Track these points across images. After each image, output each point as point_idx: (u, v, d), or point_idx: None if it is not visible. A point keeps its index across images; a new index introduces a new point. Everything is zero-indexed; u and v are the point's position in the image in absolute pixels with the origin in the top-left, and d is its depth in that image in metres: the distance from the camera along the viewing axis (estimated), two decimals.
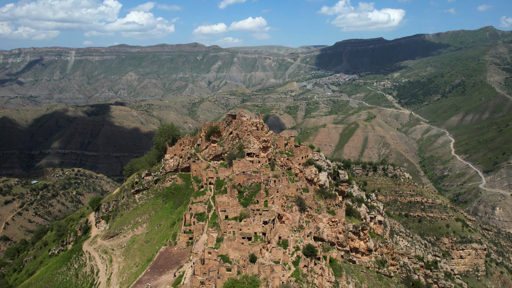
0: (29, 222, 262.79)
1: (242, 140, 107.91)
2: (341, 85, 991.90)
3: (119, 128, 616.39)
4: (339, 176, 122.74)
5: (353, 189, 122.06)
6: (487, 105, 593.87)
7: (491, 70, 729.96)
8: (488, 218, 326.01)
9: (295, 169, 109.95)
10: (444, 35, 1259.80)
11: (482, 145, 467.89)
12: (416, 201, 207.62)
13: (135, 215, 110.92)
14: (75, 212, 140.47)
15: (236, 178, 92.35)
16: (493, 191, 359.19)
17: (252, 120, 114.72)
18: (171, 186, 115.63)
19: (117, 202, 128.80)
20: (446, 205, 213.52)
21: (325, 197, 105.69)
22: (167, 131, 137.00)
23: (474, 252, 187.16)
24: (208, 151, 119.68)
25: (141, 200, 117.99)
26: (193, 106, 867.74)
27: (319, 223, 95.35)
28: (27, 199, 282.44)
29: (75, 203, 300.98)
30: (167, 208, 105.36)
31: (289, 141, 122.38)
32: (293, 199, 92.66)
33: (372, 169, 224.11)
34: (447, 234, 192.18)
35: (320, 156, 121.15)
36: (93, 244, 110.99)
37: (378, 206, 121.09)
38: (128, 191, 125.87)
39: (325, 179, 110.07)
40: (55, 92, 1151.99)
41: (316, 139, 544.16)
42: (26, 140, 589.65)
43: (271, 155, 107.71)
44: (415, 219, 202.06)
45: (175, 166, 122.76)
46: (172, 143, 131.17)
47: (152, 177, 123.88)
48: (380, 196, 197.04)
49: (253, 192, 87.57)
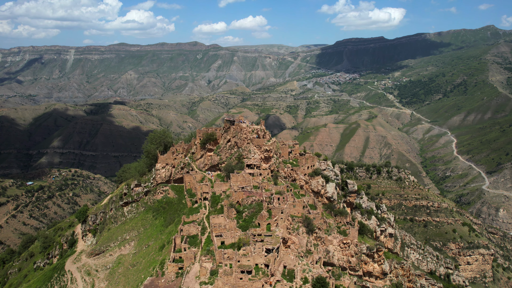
0: (24, 225, 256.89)
1: (241, 149, 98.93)
2: (341, 84, 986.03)
3: (118, 128, 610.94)
4: (347, 186, 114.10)
5: (362, 199, 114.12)
6: (489, 104, 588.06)
7: (493, 69, 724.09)
8: (491, 220, 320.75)
9: (300, 180, 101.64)
10: (445, 34, 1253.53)
11: (485, 145, 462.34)
12: (422, 205, 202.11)
13: (123, 231, 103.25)
14: (64, 221, 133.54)
15: (234, 195, 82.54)
16: (497, 193, 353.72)
17: (253, 127, 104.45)
18: (162, 200, 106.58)
19: (105, 214, 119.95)
20: (452, 209, 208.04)
21: (334, 214, 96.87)
22: (158, 138, 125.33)
23: (482, 258, 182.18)
24: (203, 160, 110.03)
25: (130, 213, 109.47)
26: (192, 105, 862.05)
27: (328, 246, 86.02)
28: (22, 201, 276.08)
29: (72, 204, 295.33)
30: (157, 225, 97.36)
31: (294, 149, 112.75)
32: (300, 219, 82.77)
33: (376, 172, 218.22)
34: (454, 239, 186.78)
35: (327, 165, 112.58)
36: (77, 262, 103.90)
37: (388, 218, 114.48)
38: (117, 203, 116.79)
39: (333, 190, 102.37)
40: (54, 91, 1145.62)
41: (316, 139, 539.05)
42: (24, 139, 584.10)
43: (273, 166, 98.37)
44: (421, 224, 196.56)
45: (167, 177, 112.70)
46: (164, 151, 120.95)
47: (142, 188, 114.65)
48: (384, 200, 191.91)
49: (253, 213, 77.73)
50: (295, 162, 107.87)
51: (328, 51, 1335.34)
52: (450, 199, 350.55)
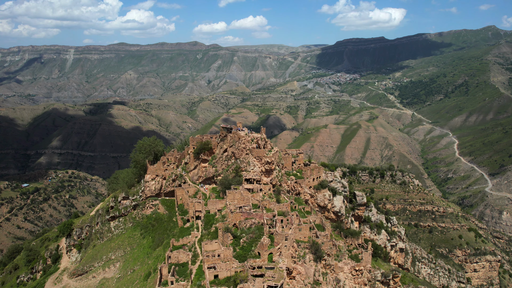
0: (18, 228, 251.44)
1: (239, 161, 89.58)
2: (342, 85, 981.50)
3: (116, 128, 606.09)
4: (356, 198, 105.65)
5: (371, 212, 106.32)
6: (491, 105, 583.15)
7: (494, 70, 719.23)
8: (495, 223, 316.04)
9: (305, 194, 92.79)
10: (446, 35, 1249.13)
11: (487, 147, 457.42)
12: (427, 210, 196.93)
13: (108, 249, 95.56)
14: (52, 230, 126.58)
15: (230, 216, 71.99)
16: (500, 195, 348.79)
17: (252, 135, 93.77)
18: (151, 215, 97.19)
19: (91, 228, 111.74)
20: (457, 214, 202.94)
21: (345, 235, 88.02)
22: (147, 146, 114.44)
23: (488, 265, 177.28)
24: (197, 172, 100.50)
25: (117, 229, 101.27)
26: (192, 106, 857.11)
27: (339, 274, 76.59)
28: (17, 204, 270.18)
29: (68, 207, 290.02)
30: (144, 246, 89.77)
31: (298, 159, 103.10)
32: (306, 244, 72.67)
33: (380, 175, 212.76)
34: (460, 246, 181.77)
35: (334, 177, 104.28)
36: (58, 282, 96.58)
37: (399, 231, 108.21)
38: (103, 216, 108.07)
39: (340, 204, 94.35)
40: (53, 90, 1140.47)
41: (317, 140, 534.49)
42: (22, 139, 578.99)
43: (276, 180, 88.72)
44: (426, 230, 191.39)
45: (157, 190, 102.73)
46: (154, 160, 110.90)
47: (130, 201, 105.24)
48: (388, 205, 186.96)
49: (253, 239, 67.12)
50: (299, 173, 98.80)
51: (328, 51, 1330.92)
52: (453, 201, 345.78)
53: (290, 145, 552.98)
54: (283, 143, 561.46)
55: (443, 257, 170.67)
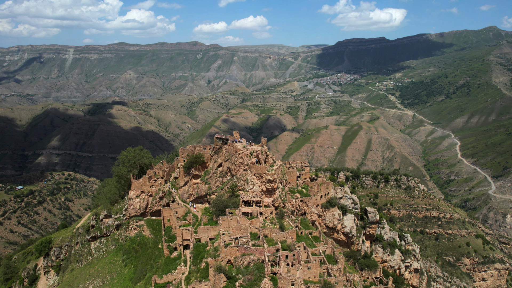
0: (11, 232, 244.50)
1: (236, 178, 77.93)
2: (342, 85, 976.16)
3: (115, 128, 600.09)
4: (367, 215, 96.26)
5: (384, 230, 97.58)
6: (493, 106, 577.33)
7: (496, 70, 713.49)
8: (499, 226, 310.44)
9: (312, 214, 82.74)
10: (447, 35, 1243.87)
11: (490, 148, 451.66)
12: (433, 216, 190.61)
13: (86, 276, 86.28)
14: (35, 244, 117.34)
15: (224, 251, 60.48)
16: (504, 198, 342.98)
17: (251, 148, 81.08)
18: (135, 238, 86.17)
19: (70, 248, 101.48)
20: (464, 220, 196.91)
21: (360, 267, 77.20)
22: (132, 158, 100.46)
23: (497, 273, 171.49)
24: (187, 189, 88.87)
25: (97, 251, 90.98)
26: (192, 106, 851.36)
27: None
28: (10, 207, 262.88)
29: (64, 210, 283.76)
30: (125, 277, 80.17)
31: (303, 172, 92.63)
32: (317, 285, 60.27)
33: (384, 180, 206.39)
34: (468, 254, 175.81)
35: (344, 193, 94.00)
36: None
37: (414, 250, 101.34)
38: (83, 236, 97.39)
39: (351, 224, 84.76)
40: (52, 90, 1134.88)
41: (318, 141, 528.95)
42: (19, 140, 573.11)
43: (278, 201, 76.73)
44: (432, 236, 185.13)
45: (142, 209, 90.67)
46: (139, 174, 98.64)
47: (113, 220, 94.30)
48: (393, 211, 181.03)
49: (251, 281, 55.58)
50: (305, 189, 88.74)
51: (329, 51, 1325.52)
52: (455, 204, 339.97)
53: (291, 146, 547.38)
54: (283, 144, 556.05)
55: (450, 266, 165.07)
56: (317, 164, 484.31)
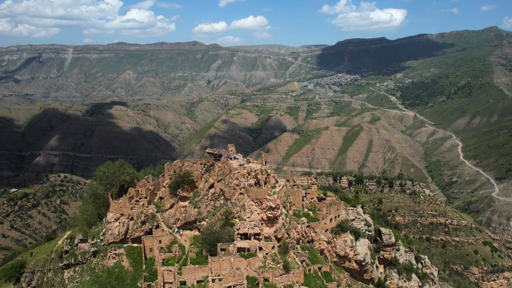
0: (4, 237, 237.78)
1: (230, 203, 66.04)
2: (343, 86, 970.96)
3: (114, 129, 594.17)
4: (381, 237, 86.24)
5: (399, 252, 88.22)
6: (495, 107, 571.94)
7: (497, 71, 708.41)
8: (502, 230, 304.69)
9: (321, 242, 71.20)
10: (448, 35, 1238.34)
11: (493, 150, 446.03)
12: (439, 223, 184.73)
13: None
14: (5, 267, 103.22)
15: None
16: (508, 201, 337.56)
17: (249, 167, 68.25)
18: (113, 270, 73.44)
19: (43, 274, 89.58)
20: (471, 226, 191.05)
21: None
22: (110, 175, 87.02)
23: (506, 282, 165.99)
24: (174, 212, 76.42)
25: (71, 281, 79.06)
26: (191, 106, 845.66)
27: None
28: (3, 210, 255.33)
29: (59, 213, 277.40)
30: None
31: (310, 191, 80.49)
32: None
33: (388, 184, 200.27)
34: (476, 262, 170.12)
35: (357, 214, 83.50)
36: None
37: (432, 273, 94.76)
38: (56, 262, 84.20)
39: (365, 251, 74.85)
40: (51, 90, 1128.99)
41: (318, 142, 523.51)
42: (17, 140, 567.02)
43: (282, 231, 64.08)
44: (438, 244, 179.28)
45: (121, 234, 77.99)
46: (119, 192, 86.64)
47: (89, 245, 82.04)
48: (397, 217, 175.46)
49: None
50: (311, 212, 77.38)
51: (329, 51, 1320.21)
52: (458, 207, 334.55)
53: (291, 147, 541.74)
54: (283, 145, 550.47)
55: (458, 275, 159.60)
56: (317, 165, 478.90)
